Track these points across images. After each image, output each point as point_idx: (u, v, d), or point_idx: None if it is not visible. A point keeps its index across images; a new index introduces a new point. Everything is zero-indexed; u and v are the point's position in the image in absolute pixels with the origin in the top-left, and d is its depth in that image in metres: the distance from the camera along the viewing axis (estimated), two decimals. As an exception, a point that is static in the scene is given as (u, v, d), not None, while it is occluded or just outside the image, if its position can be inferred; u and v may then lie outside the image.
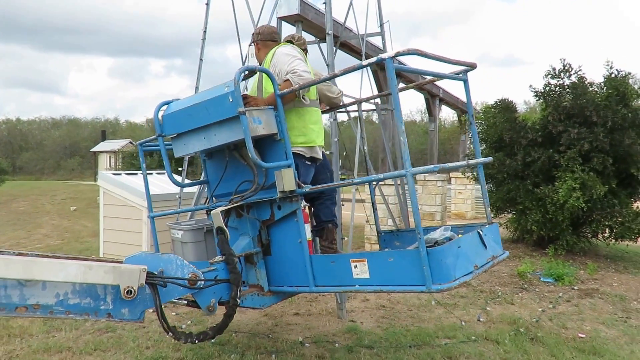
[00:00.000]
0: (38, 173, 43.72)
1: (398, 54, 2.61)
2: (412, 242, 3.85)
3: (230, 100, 2.90)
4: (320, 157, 3.74)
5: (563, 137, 8.00)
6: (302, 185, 3.18)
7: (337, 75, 3.06)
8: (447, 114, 45.56)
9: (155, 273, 2.67)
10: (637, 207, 8.26)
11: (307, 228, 3.21)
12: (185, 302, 3.09)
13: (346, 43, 8.87)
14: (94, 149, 37.14)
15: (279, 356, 4.39)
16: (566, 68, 8.77)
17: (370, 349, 4.58)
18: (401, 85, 12.51)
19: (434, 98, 16.17)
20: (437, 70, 3.24)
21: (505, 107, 9.00)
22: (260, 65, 3.74)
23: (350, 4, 7.48)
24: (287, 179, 3.04)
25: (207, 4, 7.40)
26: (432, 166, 2.66)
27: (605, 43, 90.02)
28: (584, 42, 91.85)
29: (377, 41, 9.04)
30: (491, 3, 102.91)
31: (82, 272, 2.39)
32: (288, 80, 3.29)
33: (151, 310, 2.72)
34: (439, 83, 16.04)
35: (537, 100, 9.12)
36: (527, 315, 5.60)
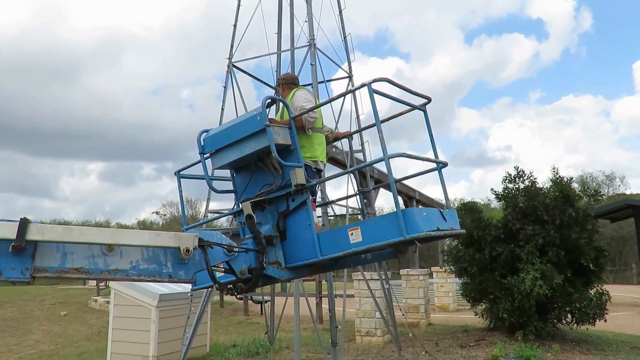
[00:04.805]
0: (24, 278, 42.78)
1: (375, 80, 3.73)
2: None
3: (259, 118, 4.05)
4: (322, 168, 4.83)
5: (521, 233, 9.30)
6: (310, 180, 4.23)
7: (328, 102, 4.57)
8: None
9: (205, 239, 3.51)
10: (591, 294, 9.37)
11: (314, 214, 4.14)
12: (224, 269, 3.82)
13: (334, 157, 10.40)
14: (83, 252, 36.81)
15: None
16: (520, 174, 10.34)
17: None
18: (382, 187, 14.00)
19: (411, 200, 17.72)
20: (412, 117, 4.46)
21: (471, 209, 10.39)
22: (286, 98, 5.02)
23: (336, 127, 9.07)
24: (299, 175, 4.05)
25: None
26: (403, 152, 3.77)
27: (563, 141, 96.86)
28: (544, 141, 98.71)
29: (359, 155, 10.61)
30: (462, 110, 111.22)
31: (153, 238, 3.17)
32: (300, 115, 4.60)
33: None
34: (415, 186, 17.68)
35: (498, 201, 10.56)
36: (500, 391, 6.44)
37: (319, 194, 5.82)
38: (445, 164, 4.27)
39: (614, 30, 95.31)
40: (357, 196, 8.83)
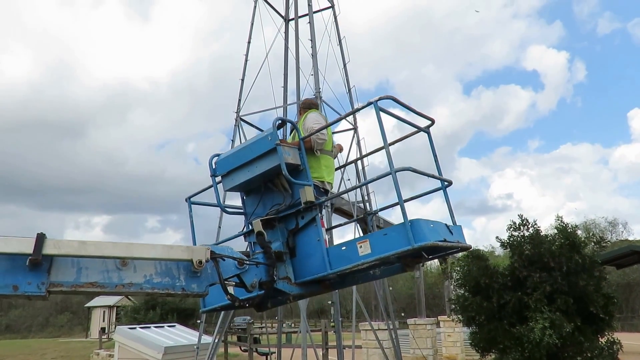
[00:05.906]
0: (25, 331, 42.07)
1: (380, 99, 3.88)
2: None
3: (269, 139, 4.09)
4: (329, 189, 4.87)
5: (528, 281, 9.28)
6: (319, 198, 4.30)
7: (335, 122, 4.80)
8: (433, 261, 47.14)
9: (216, 252, 3.54)
10: (602, 343, 9.25)
11: (324, 230, 4.18)
12: (234, 282, 3.84)
13: (340, 208, 10.57)
14: (88, 304, 36.39)
15: None
16: (524, 222, 10.42)
17: None
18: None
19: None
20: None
21: (477, 257, 10.40)
22: (299, 121, 5.13)
23: (342, 178, 9.31)
24: (308, 193, 4.11)
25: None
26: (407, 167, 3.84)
27: (563, 189, 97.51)
28: (544, 189, 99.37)
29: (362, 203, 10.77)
30: (463, 160, 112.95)
31: (167, 250, 3.20)
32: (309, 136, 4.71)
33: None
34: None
35: (503, 249, 10.59)
36: None
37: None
38: (450, 183, 4.36)
39: (607, 80, 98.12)
40: (365, 220, 8.95)
